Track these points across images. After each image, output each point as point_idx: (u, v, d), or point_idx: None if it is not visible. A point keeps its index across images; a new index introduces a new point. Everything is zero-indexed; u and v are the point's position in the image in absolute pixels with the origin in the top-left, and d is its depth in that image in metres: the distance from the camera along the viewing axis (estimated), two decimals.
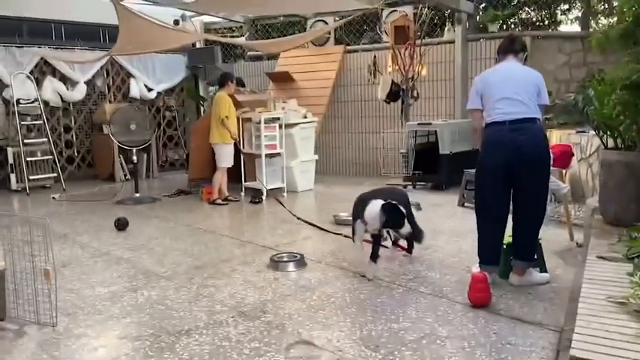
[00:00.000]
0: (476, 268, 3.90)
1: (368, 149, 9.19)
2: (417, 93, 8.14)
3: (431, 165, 7.47)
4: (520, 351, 2.75)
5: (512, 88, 3.54)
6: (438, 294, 3.60)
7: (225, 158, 7.12)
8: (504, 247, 3.78)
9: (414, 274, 4.02)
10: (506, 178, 3.57)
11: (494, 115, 3.61)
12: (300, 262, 4.29)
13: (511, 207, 3.69)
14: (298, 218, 5.91)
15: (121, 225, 5.72)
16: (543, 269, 3.82)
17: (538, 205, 3.59)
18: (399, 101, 8.18)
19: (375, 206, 3.71)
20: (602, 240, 3.12)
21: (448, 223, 5.57)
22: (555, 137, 6.74)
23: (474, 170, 3.96)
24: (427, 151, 7.63)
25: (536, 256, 3.76)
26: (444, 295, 3.58)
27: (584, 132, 5.94)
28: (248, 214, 6.58)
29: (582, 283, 2.40)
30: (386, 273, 4.04)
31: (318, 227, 5.56)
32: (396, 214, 3.69)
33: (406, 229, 3.73)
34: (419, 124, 7.63)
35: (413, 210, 4.39)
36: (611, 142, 3.48)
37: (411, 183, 7.69)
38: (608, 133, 3.35)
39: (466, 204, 6.22)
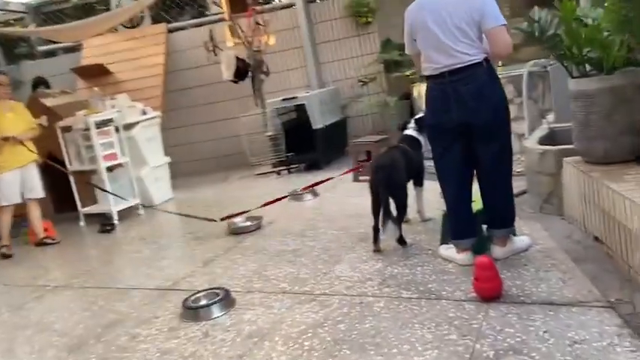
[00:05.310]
0: (444, 249, 3.24)
1: (227, 139, 7.82)
2: (267, 67, 7.18)
3: (303, 144, 6.62)
4: (596, 347, 2.09)
5: (441, 32, 2.84)
6: (430, 296, 2.79)
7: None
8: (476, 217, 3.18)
9: (377, 275, 3.16)
10: (461, 135, 2.98)
11: (430, 68, 2.97)
12: (227, 299, 3.10)
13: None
14: None
15: None
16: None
17: (503, 160, 3.03)
18: (249, 78, 7.13)
19: None
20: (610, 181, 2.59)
21: (357, 204, 4.52)
22: None
23: (360, 139, 3.27)
24: (296, 129, 6.78)
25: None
26: (438, 295, 2.79)
27: None
28: (105, 248, 4.99)
29: None
30: (346, 284, 3.11)
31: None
32: None
33: None
34: (283, 99, 6.69)
35: None
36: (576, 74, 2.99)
37: (285, 168, 6.77)
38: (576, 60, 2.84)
39: (361, 178, 5.52)
